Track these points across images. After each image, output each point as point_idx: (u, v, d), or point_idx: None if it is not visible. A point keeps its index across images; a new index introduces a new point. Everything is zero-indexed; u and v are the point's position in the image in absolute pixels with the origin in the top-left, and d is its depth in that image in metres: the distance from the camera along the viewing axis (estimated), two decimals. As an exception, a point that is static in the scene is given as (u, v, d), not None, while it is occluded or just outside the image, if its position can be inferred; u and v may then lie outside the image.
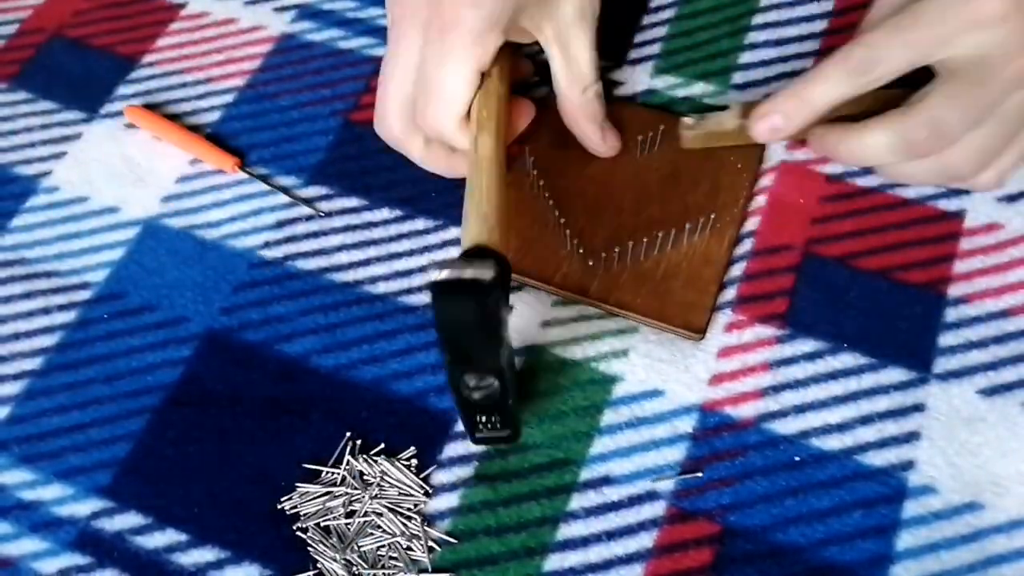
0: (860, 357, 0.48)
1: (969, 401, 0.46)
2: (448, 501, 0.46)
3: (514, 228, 0.51)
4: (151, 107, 0.58)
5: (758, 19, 0.58)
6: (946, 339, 0.48)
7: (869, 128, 0.46)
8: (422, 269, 0.52)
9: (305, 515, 0.45)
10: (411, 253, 0.52)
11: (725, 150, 0.52)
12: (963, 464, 0.45)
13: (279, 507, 0.46)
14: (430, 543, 0.45)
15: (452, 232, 0.52)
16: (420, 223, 0.53)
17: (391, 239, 0.53)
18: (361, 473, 0.46)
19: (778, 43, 0.57)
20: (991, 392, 0.46)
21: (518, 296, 0.50)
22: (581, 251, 0.50)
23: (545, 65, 0.50)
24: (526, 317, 0.50)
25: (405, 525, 0.45)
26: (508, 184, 0.44)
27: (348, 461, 0.46)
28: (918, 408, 0.46)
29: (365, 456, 0.46)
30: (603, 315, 0.49)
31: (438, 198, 0.53)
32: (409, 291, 0.51)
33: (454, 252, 0.51)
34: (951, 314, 0.49)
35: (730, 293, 0.50)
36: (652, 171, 0.52)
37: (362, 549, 0.44)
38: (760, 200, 0.52)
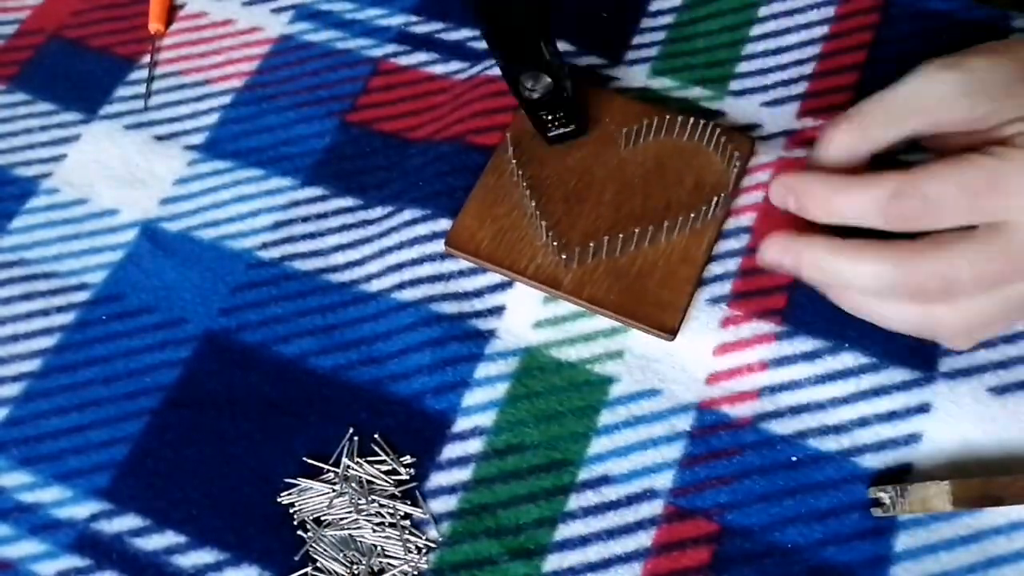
0: (861, 356, 0.47)
1: (979, 400, 0.46)
2: (447, 503, 0.46)
3: (489, 216, 0.51)
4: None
5: (757, 30, 0.57)
6: None
7: (867, 253, 0.39)
8: (413, 262, 0.51)
9: (304, 514, 0.46)
10: (400, 246, 0.52)
11: (712, 146, 0.51)
12: (965, 465, 0.45)
13: (278, 501, 0.46)
14: (429, 544, 0.45)
15: (441, 223, 0.52)
16: (408, 214, 0.53)
17: (383, 234, 0.53)
18: (359, 474, 0.46)
19: (776, 52, 0.56)
20: (1002, 391, 0.46)
21: (508, 295, 0.50)
22: (556, 243, 0.49)
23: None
24: (517, 317, 0.50)
25: (404, 526, 0.45)
26: (487, 170, 0.44)
27: (346, 462, 0.46)
28: (922, 408, 0.46)
29: (361, 459, 0.47)
30: (594, 315, 0.49)
31: (425, 187, 0.53)
32: (401, 286, 0.51)
33: (442, 244, 0.51)
34: None
35: (725, 288, 0.49)
36: (636, 165, 0.52)
37: (361, 550, 0.45)
38: (756, 195, 0.52)
